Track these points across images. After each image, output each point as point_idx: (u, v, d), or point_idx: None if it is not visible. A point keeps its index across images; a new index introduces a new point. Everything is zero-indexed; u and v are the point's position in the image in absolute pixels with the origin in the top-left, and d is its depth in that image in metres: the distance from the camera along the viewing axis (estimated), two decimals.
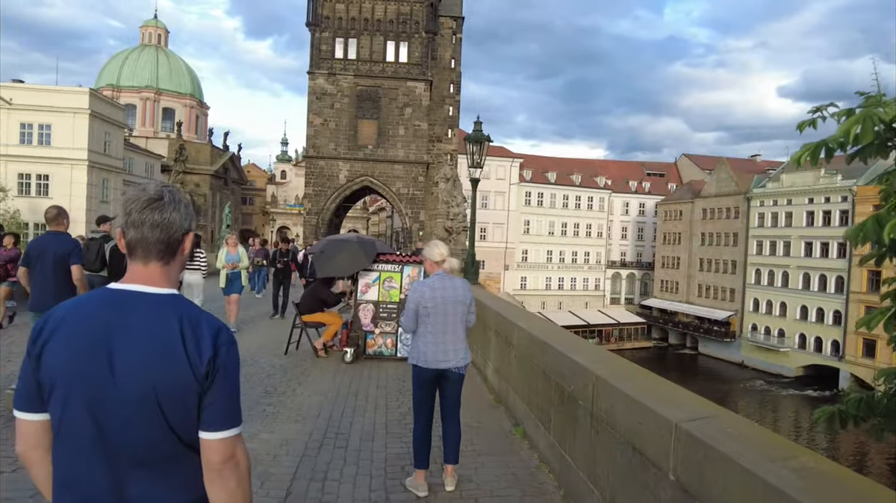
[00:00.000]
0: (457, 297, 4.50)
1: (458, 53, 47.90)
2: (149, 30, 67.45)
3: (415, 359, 4.44)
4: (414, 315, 4.41)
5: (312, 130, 44.75)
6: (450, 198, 24.85)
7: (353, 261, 8.47)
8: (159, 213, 1.52)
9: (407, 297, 4.50)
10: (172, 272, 1.58)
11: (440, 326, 4.41)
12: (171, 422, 1.44)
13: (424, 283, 4.44)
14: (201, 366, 1.45)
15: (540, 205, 63.04)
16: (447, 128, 46.94)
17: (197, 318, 1.51)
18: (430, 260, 4.55)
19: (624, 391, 3.44)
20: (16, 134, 42.70)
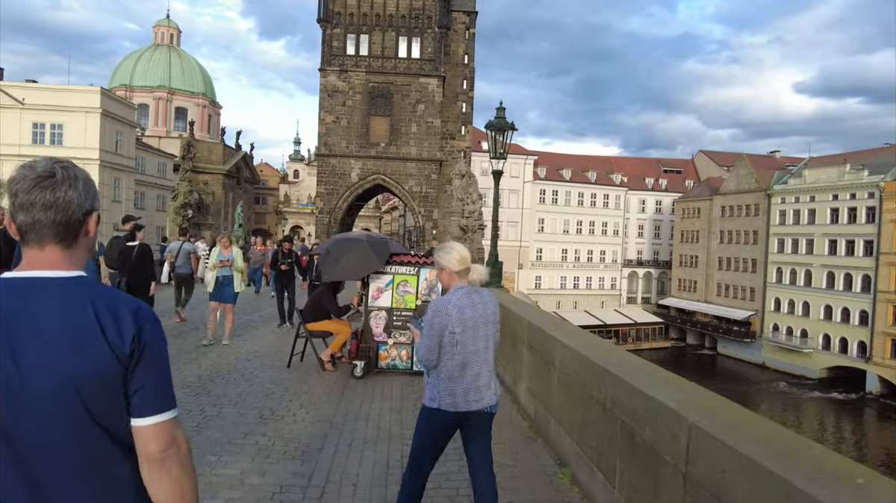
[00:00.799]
0: (488, 317, 3.48)
1: (471, 49, 46.77)
2: (161, 30, 67.02)
3: (438, 400, 3.36)
4: (437, 345, 3.33)
5: (324, 128, 43.86)
6: (465, 195, 23.77)
7: (362, 264, 7.42)
8: (51, 191, 1.34)
9: (425, 322, 3.41)
10: (77, 256, 1.41)
11: (472, 356, 3.37)
12: (95, 415, 1.30)
13: (449, 302, 3.37)
14: (124, 346, 1.32)
15: (555, 202, 61.72)
16: (460, 125, 45.86)
17: (114, 298, 1.38)
18: (447, 269, 3.45)
19: (749, 456, 2.34)
20: (28, 134, 42.33)
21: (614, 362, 4.09)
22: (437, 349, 3.32)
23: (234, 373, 7.73)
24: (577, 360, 4.61)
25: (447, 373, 3.34)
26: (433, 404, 3.37)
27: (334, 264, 7.31)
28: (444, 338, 3.30)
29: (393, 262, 7.81)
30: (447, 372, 3.34)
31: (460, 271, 3.43)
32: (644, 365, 4.10)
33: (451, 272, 3.43)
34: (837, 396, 44.50)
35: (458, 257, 3.43)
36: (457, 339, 3.29)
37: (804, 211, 49.74)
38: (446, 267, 3.44)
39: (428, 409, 3.41)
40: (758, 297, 53.82)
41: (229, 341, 9.54)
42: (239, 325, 11.63)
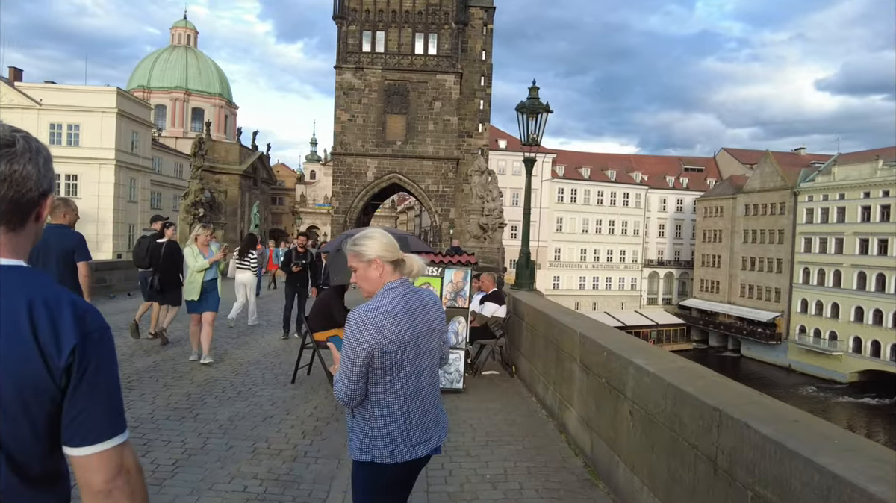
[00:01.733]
0: (432, 325, 2.47)
1: (489, 45, 45.52)
2: (178, 31, 66.66)
3: (371, 450, 2.32)
4: (364, 374, 2.29)
5: (340, 126, 42.94)
6: (484, 192, 22.58)
7: None
8: (7, 162, 1.13)
9: (346, 341, 2.31)
10: (20, 243, 1.18)
11: (414, 382, 2.37)
12: (9, 445, 1.06)
13: (378, 309, 2.30)
14: (59, 359, 1.09)
15: (573, 201, 60.21)
16: (478, 122, 44.62)
17: (56, 297, 1.14)
18: (375, 259, 2.40)
19: None
20: (46, 134, 41.96)
21: (733, 401, 2.88)
22: (363, 379, 2.25)
23: (229, 391, 6.62)
24: (664, 392, 3.41)
25: (381, 410, 2.31)
26: (364, 456, 2.32)
27: (344, 265, 6.19)
28: (375, 362, 2.24)
29: None
30: (381, 409, 2.31)
31: (395, 262, 2.40)
32: (785, 408, 2.88)
33: (382, 263, 2.38)
34: (870, 401, 42.55)
35: (383, 242, 2.42)
36: (393, 362, 2.25)
37: (833, 209, 47.78)
38: (374, 256, 2.39)
39: (358, 466, 2.36)
40: (783, 298, 51.89)
41: (210, 359, 7.76)
42: (242, 332, 10.58)
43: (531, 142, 8.68)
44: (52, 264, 5.13)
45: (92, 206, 41.88)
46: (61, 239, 5.21)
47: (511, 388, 7.16)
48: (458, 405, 6.28)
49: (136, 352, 8.42)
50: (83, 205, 42.12)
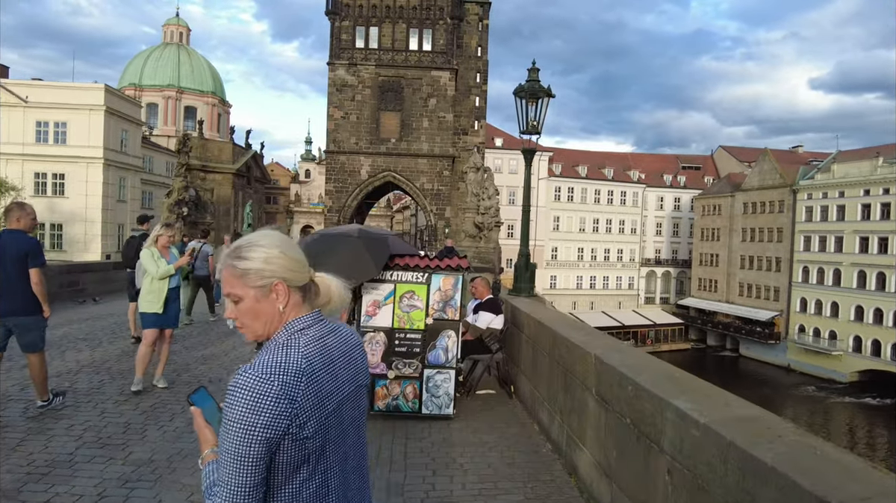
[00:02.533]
0: (358, 378, 1.57)
1: (484, 41, 44.50)
2: (171, 28, 65.39)
3: None
4: (261, 482, 1.29)
5: (333, 124, 41.86)
6: (480, 189, 21.58)
7: (352, 268, 5.26)
8: None
9: (225, 423, 1.30)
10: None
11: (338, 474, 1.42)
12: None
13: (284, 368, 1.34)
14: None
15: (570, 200, 59.24)
16: (473, 119, 43.60)
17: None
18: (279, 284, 1.44)
19: None
20: (32, 132, 40.82)
21: (844, 481, 1.87)
22: (261, 488, 1.31)
23: (178, 419, 5.57)
24: (723, 455, 2.40)
25: None
26: None
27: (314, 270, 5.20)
28: (282, 456, 1.32)
29: (395, 267, 5.65)
30: None
31: (303, 287, 1.52)
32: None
33: (286, 289, 1.46)
34: (870, 401, 41.72)
35: (286, 255, 1.47)
36: (309, 451, 1.35)
37: (832, 207, 46.93)
38: (271, 278, 1.44)
39: None
40: (782, 297, 51.05)
41: (165, 382, 6.58)
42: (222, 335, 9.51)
43: (531, 129, 7.67)
44: (7, 270, 5.05)
45: (80, 205, 40.77)
46: (16, 244, 5.08)
47: (509, 413, 6.15)
48: (447, 438, 5.27)
49: (87, 366, 7.40)
50: (71, 204, 41.00)
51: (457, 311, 5.74)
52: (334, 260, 5.15)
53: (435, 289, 5.69)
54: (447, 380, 5.68)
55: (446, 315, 5.71)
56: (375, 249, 5.34)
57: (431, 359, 5.67)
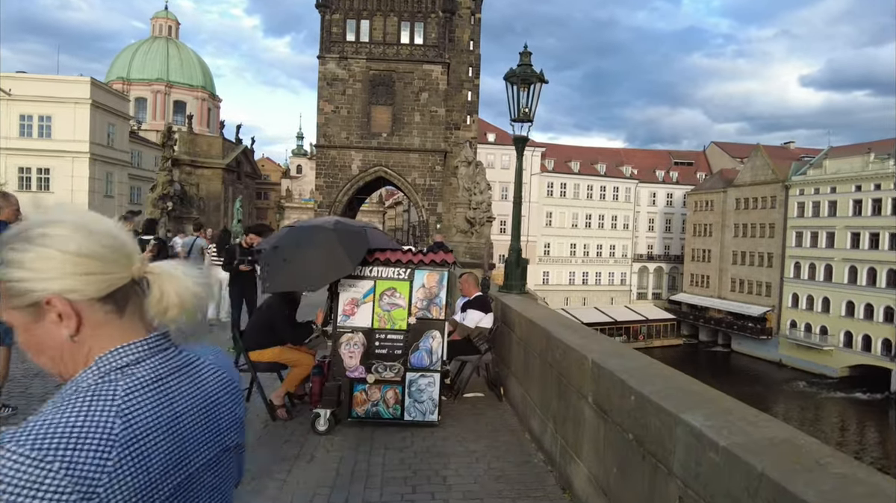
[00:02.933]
0: (224, 439, 1.01)
1: (476, 35, 43.97)
2: (159, 21, 64.35)
3: None
4: None
5: (323, 118, 41.23)
6: (472, 184, 21.14)
7: (326, 264, 4.81)
8: None
9: None
10: None
11: None
12: None
13: (71, 439, 0.80)
14: None
15: (563, 196, 58.84)
16: (466, 114, 43.11)
17: None
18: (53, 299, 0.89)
19: None
20: (15, 126, 40.05)
21: None
22: None
23: None
24: (751, 487, 1.98)
25: None
26: None
27: (282, 266, 4.70)
28: None
29: (375, 262, 5.20)
30: None
31: (114, 296, 0.94)
32: None
33: (71, 309, 0.90)
34: (861, 396, 41.71)
35: (75, 250, 0.90)
36: None
37: (824, 203, 46.80)
38: (42, 291, 0.89)
39: None
40: (774, 293, 50.96)
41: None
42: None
43: (523, 117, 7.23)
44: None
45: (65, 200, 39.90)
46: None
47: (499, 419, 5.73)
48: (430, 447, 4.84)
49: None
50: (56, 199, 40.19)
51: (442, 310, 5.30)
52: (308, 254, 4.70)
53: (418, 286, 5.25)
54: (431, 384, 5.24)
55: (431, 314, 5.28)
56: (351, 242, 4.88)
57: (414, 361, 5.23)
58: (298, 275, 4.70)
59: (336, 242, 4.75)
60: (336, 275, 4.83)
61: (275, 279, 4.70)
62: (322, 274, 4.73)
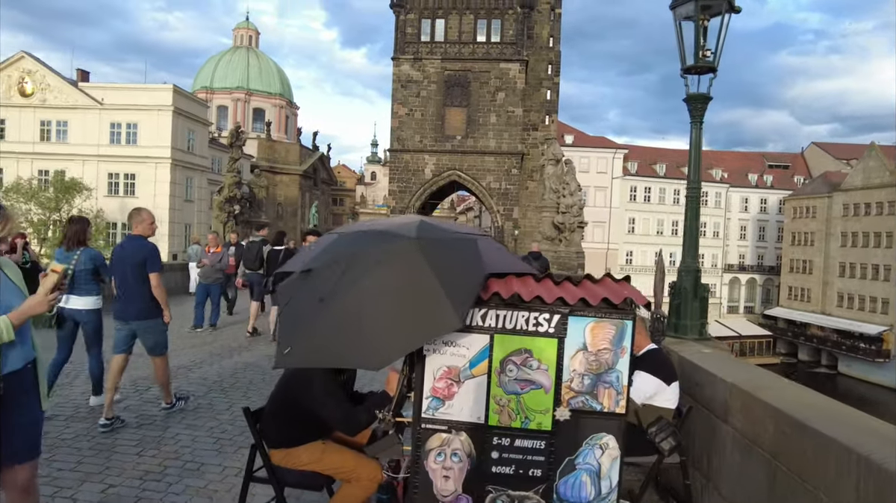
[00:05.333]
0: None
1: (556, 31, 41.04)
2: (241, 32, 65.36)
3: None
4: None
5: (397, 122, 39.54)
6: (560, 185, 18.39)
7: (408, 313, 2.31)
8: None
9: None
10: None
11: None
12: None
13: None
14: None
15: (647, 201, 54.51)
16: (544, 114, 40.21)
17: None
18: None
19: None
20: (106, 134, 40.82)
21: None
22: None
23: None
24: None
25: None
26: None
27: (314, 313, 2.26)
28: None
29: (492, 301, 2.70)
30: None
31: None
32: None
33: None
34: None
35: None
36: None
37: None
38: None
39: None
40: (892, 310, 44.66)
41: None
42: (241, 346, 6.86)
43: (702, 64, 4.57)
44: (126, 275, 5.14)
45: (148, 205, 40.04)
46: (135, 250, 5.17)
47: None
48: None
49: None
50: (140, 204, 40.58)
51: (621, 396, 2.73)
52: (363, 293, 2.25)
53: (576, 348, 2.70)
54: None
55: (599, 402, 2.72)
56: (455, 267, 2.38)
57: (567, 491, 2.70)
58: (346, 336, 2.23)
59: (425, 269, 2.26)
60: (425, 336, 2.35)
61: (298, 339, 2.28)
62: (395, 335, 2.23)
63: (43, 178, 38.68)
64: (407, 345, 2.20)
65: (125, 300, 5.16)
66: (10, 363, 2.25)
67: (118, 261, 5.21)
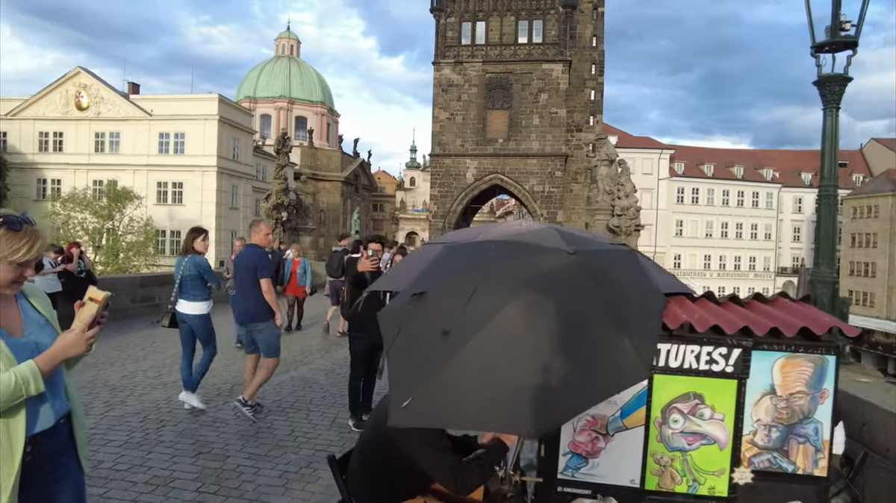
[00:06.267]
0: None
1: (600, 30, 40.01)
2: (282, 41, 66.31)
3: None
4: None
5: (438, 126, 39.15)
6: (615, 186, 17.57)
7: (582, 364, 1.70)
8: None
9: None
10: None
11: None
12: None
13: None
14: None
15: (695, 202, 52.60)
16: (588, 115, 39.19)
17: None
18: None
19: None
20: (155, 144, 41.74)
21: None
22: None
23: None
24: None
25: None
26: None
27: (437, 353, 1.72)
28: None
29: (681, 334, 2.10)
30: None
31: None
32: None
33: None
34: None
35: None
36: None
37: None
38: None
39: None
40: None
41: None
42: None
43: (840, 41, 3.86)
44: (243, 280, 5.54)
45: (196, 212, 40.93)
46: (248, 257, 5.58)
47: None
48: None
49: None
50: (188, 212, 41.22)
51: (821, 454, 2.09)
52: (511, 329, 1.67)
53: (760, 392, 2.08)
54: None
55: (790, 462, 2.08)
56: (628, 291, 1.79)
57: None
58: (488, 386, 1.63)
59: (594, 294, 1.64)
60: (604, 392, 1.70)
61: (419, 389, 1.71)
62: (560, 388, 1.64)
63: (97, 187, 39.74)
64: (579, 402, 1.59)
65: (242, 303, 5.58)
66: (41, 421, 1.77)
67: (237, 268, 5.68)
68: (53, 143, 41.60)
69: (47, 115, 41.49)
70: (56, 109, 41.45)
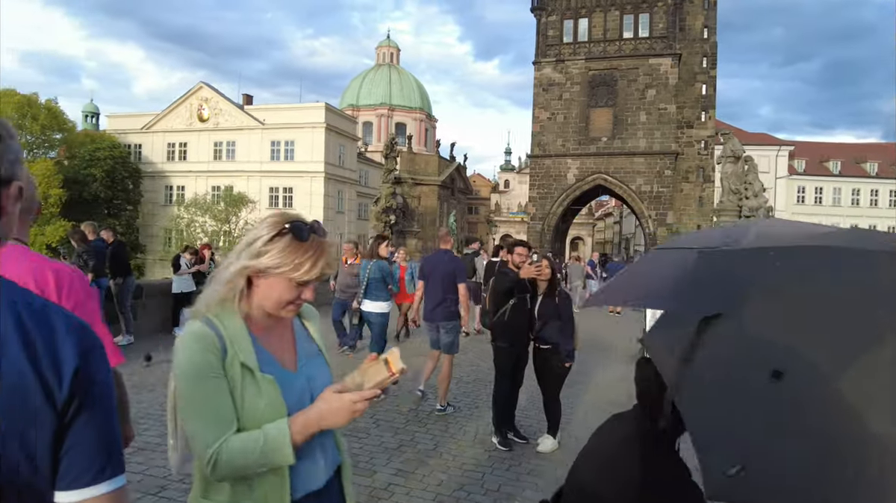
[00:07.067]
0: None
1: (712, 20, 37.46)
2: (383, 50, 68.19)
3: None
4: None
5: (538, 126, 38.36)
6: (741, 185, 16.07)
7: None
8: None
9: None
10: None
11: None
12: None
13: None
14: (61, 388, 0.78)
15: (818, 203, 47.88)
16: (700, 110, 36.79)
17: (42, 308, 0.82)
18: None
19: None
20: (267, 151, 44.09)
21: None
22: None
23: None
24: None
25: None
26: None
27: (770, 405, 1.25)
28: None
29: None
30: None
31: None
32: None
33: None
34: None
35: None
36: None
37: None
38: None
39: None
40: None
41: None
42: None
43: None
44: (437, 283, 5.76)
45: (305, 217, 42.78)
46: (446, 262, 5.87)
47: None
48: None
49: None
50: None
51: None
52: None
53: None
54: None
55: None
56: None
57: None
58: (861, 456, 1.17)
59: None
60: None
61: (751, 452, 1.26)
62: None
63: (215, 192, 42.56)
64: None
65: (433, 303, 5.78)
66: (306, 482, 1.38)
67: (430, 270, 5.87)
68: (179, 153, 45.15)
69: (174, 128, 45.05)
70: (182, 122, 44.93)
